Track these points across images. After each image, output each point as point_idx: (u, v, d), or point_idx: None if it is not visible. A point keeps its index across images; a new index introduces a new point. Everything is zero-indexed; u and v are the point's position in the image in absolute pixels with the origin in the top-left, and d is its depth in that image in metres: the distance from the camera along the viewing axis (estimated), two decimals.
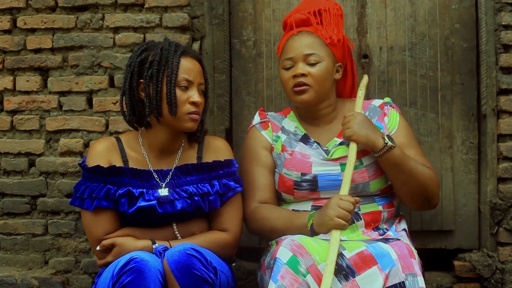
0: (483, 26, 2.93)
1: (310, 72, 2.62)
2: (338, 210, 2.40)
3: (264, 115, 2.80)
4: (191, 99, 2.49)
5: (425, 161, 2.68)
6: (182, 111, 2.48)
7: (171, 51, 2.50)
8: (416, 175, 2.57)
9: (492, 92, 2.93)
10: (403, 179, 2.58)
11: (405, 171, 2.56)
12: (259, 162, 2.71)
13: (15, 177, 3.10)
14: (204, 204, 2.52)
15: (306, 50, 2.64)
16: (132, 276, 2.22)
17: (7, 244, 3.11)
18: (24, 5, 3.08)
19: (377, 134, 2.56)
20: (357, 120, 2.58)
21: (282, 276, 2.29)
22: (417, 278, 2.30)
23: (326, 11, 2.71)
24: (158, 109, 2.48)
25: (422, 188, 2.60)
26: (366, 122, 2.59)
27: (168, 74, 2.47)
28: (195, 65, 2.54)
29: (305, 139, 2.71)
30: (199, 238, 2.51)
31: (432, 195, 2.64)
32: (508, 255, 2.92)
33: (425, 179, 2.59)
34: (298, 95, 2.63)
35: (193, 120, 2.50)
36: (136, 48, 2.58)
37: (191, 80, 2.50)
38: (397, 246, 2.36)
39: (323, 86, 2.65)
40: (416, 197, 2.63)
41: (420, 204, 2.67)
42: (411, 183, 2.58)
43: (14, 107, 3.09)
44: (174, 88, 2.46)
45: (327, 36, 2.67)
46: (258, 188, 2.67)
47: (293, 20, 2.71)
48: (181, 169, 2.55)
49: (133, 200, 2.48)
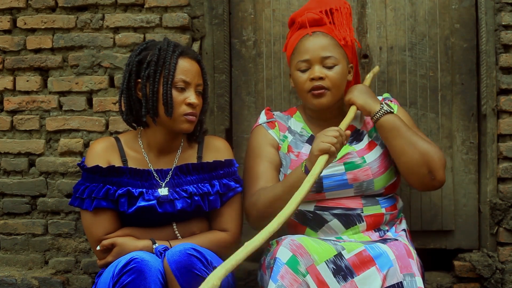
0: (483, 26, 2.94)
1: (327, 75, 2.60)
2: (324, 137, 2.39)
3: (270, 115, 2.79)
4: (187, 100, 2.48)
5: (429, 140, 2.65)
6: (178, 112, 2.48)
7: (169, 51, 2.50)
8: (416, 142, 2.54)
9: (492, 92, 2.94)
10: (402, 144, 2.54)
11: (403, 137, 2.54)
12: (265, 158, 2.68)
13: (15, 177, 3.10)
14: (204, 204, 2.52)
15: (323, 52, 2.61)
16: (132, 276, 2.22)
17: (7, 244, 3.11)
18: (24, 5, 3.08)
19: (376, 101, 2.62)
20: (358, 87, 2.67)
21: (282, 276, 2.29)
22: (415, 278, 2.29)
23: (337, 10, 2.70)
24: (154, 110, 2.47)
25: (424, 158, 2.53)
26: (367, 90, 2.67)
27: (165, 75, 2.46)
28: (193, 65, 2.53)
29: (312, 140, 2.69)
30: (199, 238, 2.51)
31: (436, 167, 2.54)
32: (508, 255, 2.92)
33: (426, 148, 2.54)
34: (316, 99, 2.61)
35: (189, 121, 2.49)
36: (136, 47, 2.58)
37: (188, 81, 2.50)
38: (394, 246, 2.36)
39: (340, 88, 2.64)
40: (417, 168, 2.54)
41: (424, 179, 2.56)
42: (411, 151, 2.54)
43: (14, 107, 3.09)
44: (170, 88, 2.46)
45: (341, 37, 2.66)
46: (261, 179, 2.62)
47: (306, 19, 2.67)
48: (181, 168, 2.55)
49: (133, 200, 2.48)
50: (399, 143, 2.56)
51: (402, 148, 2.55)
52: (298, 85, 2.65)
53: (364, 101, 2.61)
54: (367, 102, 2.61)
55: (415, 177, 2.58)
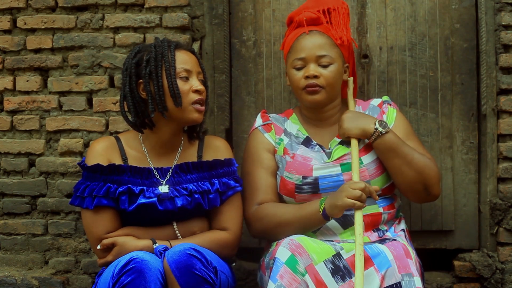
0: (483, 26, 2.93)
1: (322, 74, 2.61)
2: (349, 191, 2.38)
3: (266, 118, 2.80)
4: (193, 88, 2.51)
5: (425, 152, 2.67)
6: (186, 101, 2.50)
7: (165, 46, 2.53)
8: (412, 161, 2.56)
9: (492, 92, 2.93)
10: (399, 164, 2.56)
11: (400, 156, 2.56)
12: (261, 164, 2.70)
13: (15, 177, 3.10)
14: (204, 202, 2.52)
15: (319, 51, 2.63)
16: (132, 276, 2.22)
17: (7, 244, 3.11)
18: (24, 5, 3.08)
19: (368, 122, 2.60)
20: (347, 116, 2.64)
21: (281, 275, 2.30)
22: (414, 278, 2.29)
23: (335, 10, 2.71)
24: (163, 104, 2.49)
25: (420, 176, 2.57)
26: (356, 115, 2.64)
27: (167, 68, 2.49)
28: (190, 56, 2.57)
29: (307, 142, 2.71)
30: (200, 237, 2.51)
31: (431, 183, 2.59)
32: (508, 255, 2.92)
33: (422, 166, 2.56)
34: (310, 95, 2.63)
35: (198, 111, 2.52)
36: (129, 53, 2.60)
37: (190, 69, 2.53)
38: (393, 246, 2.36)
39: (334, 87, 2.66)
40: (414, 185, 2.59)
41: (420, 195, 2.62)
42: (407, 170, 2.56)
43: (14, 107, 3.09)
44: (175, 79, 2.48)
45: (337, 37, 2.67)
46: (260, 190, 2.66)
47: (303, 18, 2.69)
48: (181, 167, 2.56)
49: (133, 197, 2.48)
50: (395, 162, 2.58)
51: (399, 168, 2.58)
52: (293, 82, 2.68)
53: (357, 129, 2.60)
54: (360, 127, 2.59)
55: (410, 193, 2.64)
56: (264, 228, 2.60)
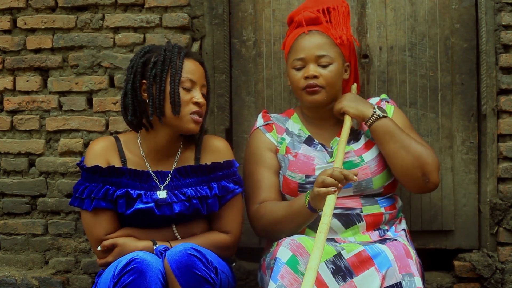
0: (483, 26, 2.94)
1: (322, 74, 2.62)
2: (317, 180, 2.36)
3: (267, 117, 2.80)
4: (194, 99, 2.49)
5: (423, 142, 2.66)
6: (185, 111, 2.48)
7: (175, 52, 2.51)
8: (410, 145, 2.55)
9: (492, 92, 2.94)
10: (396, 148, 2.55)
11: (397, 141, 2.55)
12: (264, 163, 2.70)
13: (15, 177, 3.10)
14: (202, 207, 2.51)
15: (318, 51, 2.63)
16: (133, 276, 2.22)
17: (7, 244, 3.11)
18: (24, 5, 3.08)
19: (368, 106, 2.62)
20: (348, 95, 2.68)
21: (282, 275, 2.29)
22: (414, 278, 2.29)
23: (335, 9, 2.71)
24: (161, 109, 2.47)
25: (417, 161, 2.55)
26: (357, 98, 2.68)
27: (172, 74, 2.47)
28: (198, 67, 2.55)
29: (309, 141, 2.71)
30: (200, 238, 2.51)
31: (429, 170, 2.56)
32: (508, 255, 2.92)
33: (419, 152, 2.55)
34: (310, 95, 2.63)
35: (195, 121, 2.50)
36: (138, 50, 2.59)
37: (195, 80, 2.51)
38: (393, 246, 2.36)
39: (334, 87, 2.66)
40: (412, 170, 2.56)
41: (418, 182, 2.58)
42: (404, 154, 2.55)
43: (14, 107, 3.09)
44: (178, 87, 2.47)
45: (337, 36, 2.67)
46: (262, 189, 2.66)
47: (302, 18, 2.69)
48: (180, 171, 2.54)
49: (131, 201, 2.47)
50: (392, 147, 2.57)
51: (395, 152, 2.57)
52: (293, 83, 2.68)
53: (356, 109, 2.62)
54: (359, 109, 2.62)
55: (409, 180, 2.60)
56: (264, 226, 2.61)
